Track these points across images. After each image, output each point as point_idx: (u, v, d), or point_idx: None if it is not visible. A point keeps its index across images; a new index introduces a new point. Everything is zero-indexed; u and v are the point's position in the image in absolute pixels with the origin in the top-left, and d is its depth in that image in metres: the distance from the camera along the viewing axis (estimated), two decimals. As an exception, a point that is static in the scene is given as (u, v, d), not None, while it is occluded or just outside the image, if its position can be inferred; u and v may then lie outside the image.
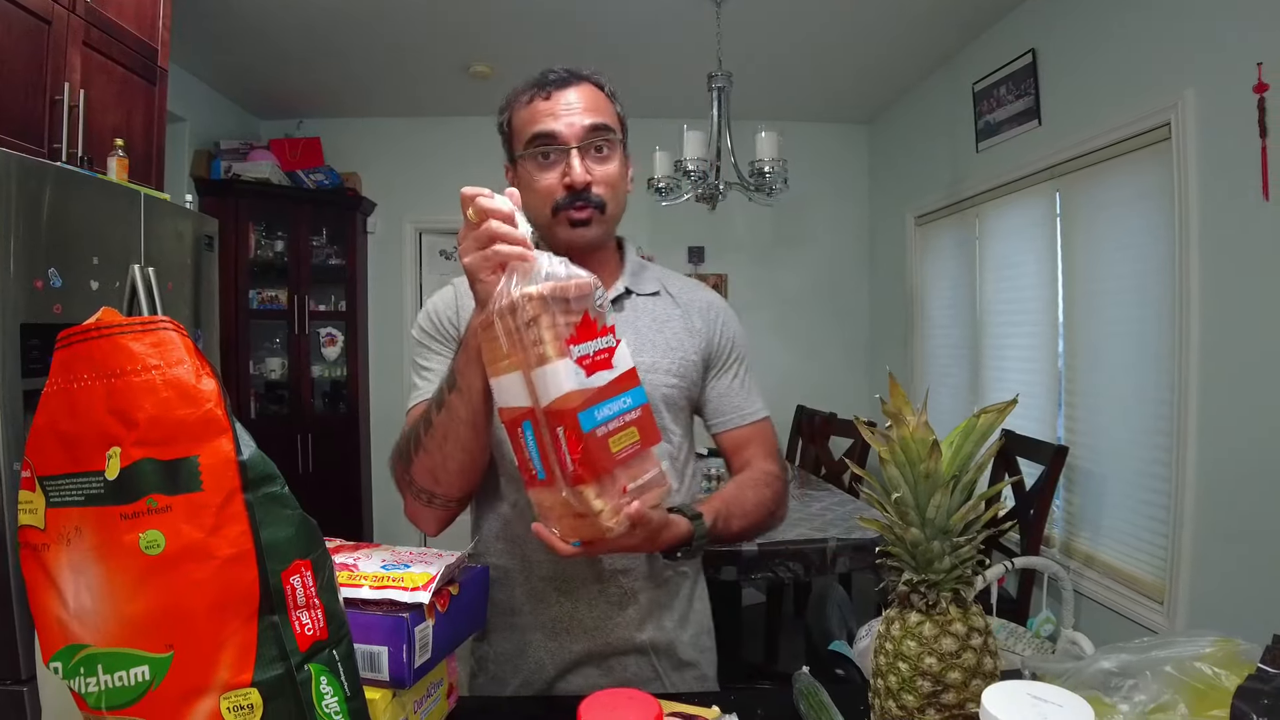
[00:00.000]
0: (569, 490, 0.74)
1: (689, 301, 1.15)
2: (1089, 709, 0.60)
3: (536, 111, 1.01)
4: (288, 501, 0.57)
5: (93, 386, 0.55)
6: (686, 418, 1.14)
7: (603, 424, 0.75)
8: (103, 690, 0.57)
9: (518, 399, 0.76)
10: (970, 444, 0.70)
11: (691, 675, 1.11)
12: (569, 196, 1.00)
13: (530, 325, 0.73)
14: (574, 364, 0.74)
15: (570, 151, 0.99)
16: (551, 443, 0.74)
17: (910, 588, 0.72)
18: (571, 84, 1.02)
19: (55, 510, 0.58)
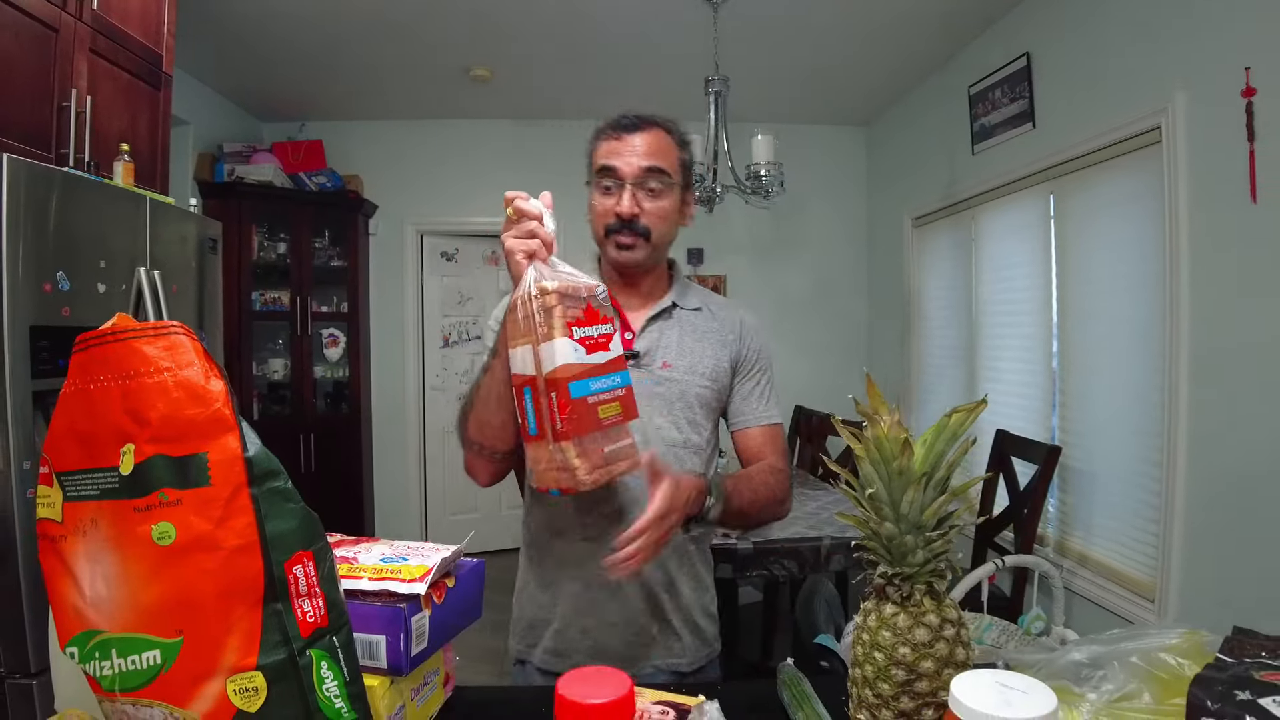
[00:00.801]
0: (554, 445, 0.90)
1: (725, 318, 1.32)
2: (1052, 695, 0.63)
3: (607, 148, 1.20)
4: (291, 495, 0.60)
5: (108, 387, 0.58)
6: (716, 417, 1.30)
7: (594, 394, 0.93)
8: (116, 674, 0.60)
9: (525, 368, 0.93)
10: (942, 442, 0.73)
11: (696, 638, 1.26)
12: (619, 223, 1.19)
13: (544, 311, 0.91)
14: (574, 343, 0.91)
15: (625, 186, 1.17)
16: (546, 406, 0.91)
17: (886, 580, 0.75)
18: (641, 129, 1.20)
19: (72, 504, 0.62)
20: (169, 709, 0.60)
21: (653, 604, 1.21)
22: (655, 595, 1.21)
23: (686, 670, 1.25)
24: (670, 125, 1.23)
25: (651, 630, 1.22)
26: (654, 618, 1.22)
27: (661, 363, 1.23)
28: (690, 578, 1.26)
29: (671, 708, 0.83)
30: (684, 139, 1.25)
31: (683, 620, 1.24)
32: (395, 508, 4.64)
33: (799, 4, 3.08)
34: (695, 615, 1.26)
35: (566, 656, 1.21)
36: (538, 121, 4.52)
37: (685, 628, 1.24)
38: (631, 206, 1.17)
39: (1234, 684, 0.64)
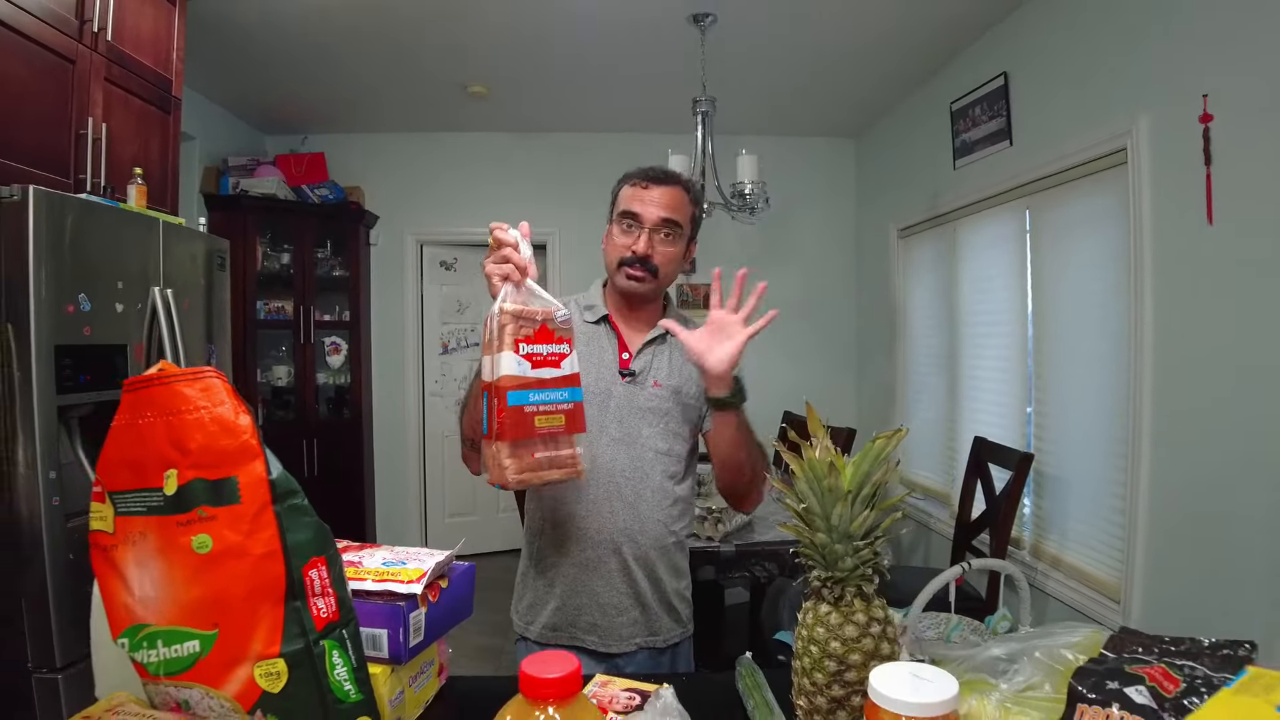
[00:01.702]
0: (495, 444, 1.04)
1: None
2: (955, 684, 0.74)
3: (633, 194, 1.40)
4: (307, 511, 0.72)
5: (155, 423, 0.70)
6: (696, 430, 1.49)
7: (533, 405, 1.06)
8: (161, 660, 0.72)
9: (487, 375, 1.06)
10: (868, 463, 0.85)
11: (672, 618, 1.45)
12: (633, 258, 1.38)
13: (499, 327, 1.05)
14: (518, 357, 1.05)
15: (644, 230, 1.37)
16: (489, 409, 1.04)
17: (820, 583, 0.87)
18: (666, 184, 1.40)
19: (122, 518, 0.73)
20: (206, 690, 0.71)
21: (636, 588, 1.40)
22: (638, 581, 1.40)
23: (662, 646, 1.43)
24: (690, 185, 1.44)
25: (634, 611, 1.40)
26: (636, 600, 1.40)
27: (653, 382, 1.42)
28: (669, 567, 1.44)
29: (638, 694, 0.94)
30: (698, 197, 1.46)
31: (660, 602, 1.43)
32: (395, 510, 4.76)
33: (784, 24, 3.19)
34: (672, 599, 1.45)
35: (562, 631, 1.40)
36: (534, 135, 4.63)
37: (662, 609, 1.43)
38: (647, 248, 1.37)
39: (1107, 675, 0.75)
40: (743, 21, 3.13)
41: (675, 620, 1.46)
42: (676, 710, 0.82)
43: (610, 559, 1.39)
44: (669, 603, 1.44)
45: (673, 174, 1.44)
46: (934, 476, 3.93)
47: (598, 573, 1.39)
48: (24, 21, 1.90)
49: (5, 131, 1.87)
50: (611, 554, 1.39)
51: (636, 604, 1.40)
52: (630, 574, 1.39)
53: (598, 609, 1.39)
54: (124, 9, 2.26)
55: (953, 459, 3.62)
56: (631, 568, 1.39)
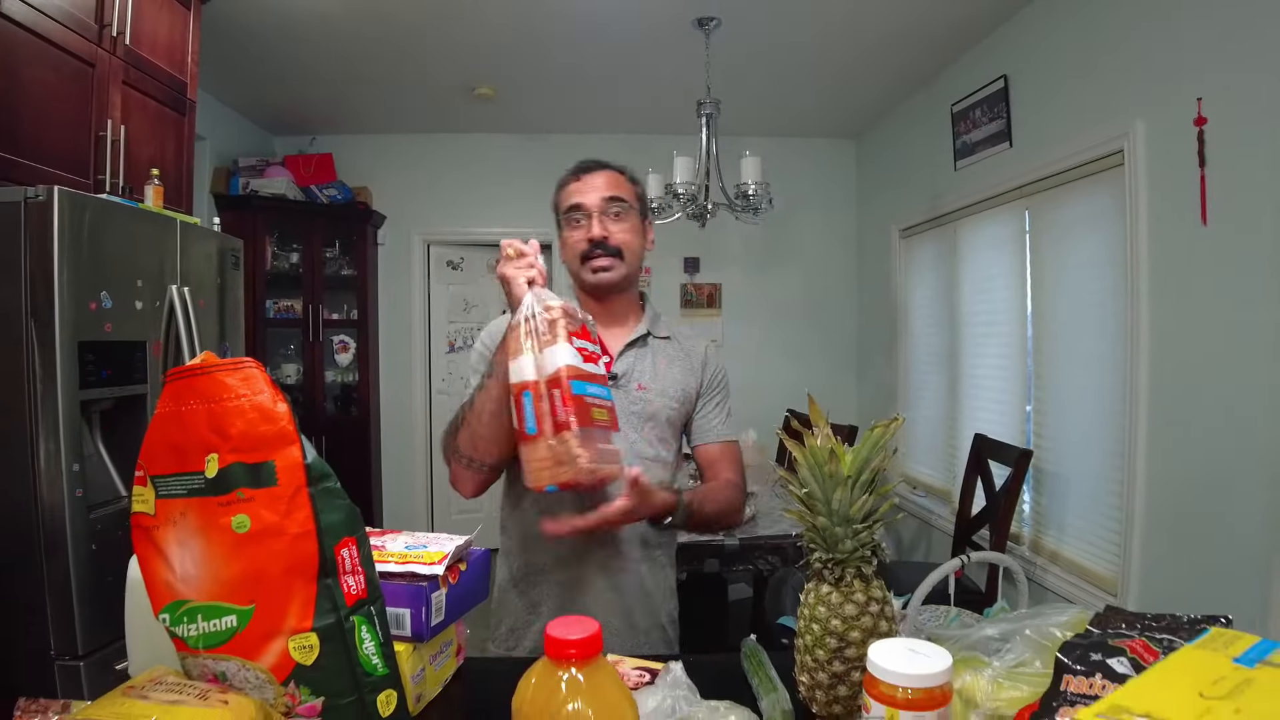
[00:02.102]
0: (555, 438, 1.01)
1: (691, 347, 1.48)
2: (949, 657, 0.78)
3: (571, 189, 1.38)
4: (339, 494, 0.76)
5: (197, 410, 0.74)
6: (680, 434, 1.46)
7: (589, 396, 1.04)
8: (200, 634, 0.76)
9: (525, 375, 1.05)
10: (866, 450, 0.89)
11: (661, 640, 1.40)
12: (591, 247, 1.35)
13: (549, 323, 1.05)
14: (573, 349, 1.05)
15: (593, 215, 1.34)
16: (548, 404, 1.02)
17: (822, 564, 0.91)
18: (597, 170, 1.38)
19: (164, 500, 0.78)
20: (242, 662, 0.76)
21: (627, 607, 1.34)
22: (631, 600, 1.35)
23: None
24: (622, 168, 1.42)
25: (625, 633, 1.34)
26: (627, 620, 1.34)
27: (637, 385, 1.37)
28: (658, 585, 1.40)
29: (648, 671, 0.99)
30: (634, 178, 1.43)
31: (652, 623, 1.38)
32: (403, 506, 4.81)
33: (787, 27, 3.24)
34: (662, 620, 1.41)
35: None
36: (540, 136, 4.68)
37: (654, 631, 1.38)
38: (601, 230, 1.34)
39: (1091, 648, 0.79)
40: (746, 25, 3.17)
41: (664, 642, 1.40)
42: (685, 684, 0.86)
43: (597, 577, 1.33)
44: (660, 624, 1.39)
45: (602, 160, 1.41)
46: (935, 473, 3.97)
47: (585, 591, 1.32)
48: (48, 27, 1.95)
49: (31, 134, 1.93)
50: (598, 571, 1.32)
51: (627, 624, 1.34)
52: (620, 590, 1.34)
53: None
54: (141, 14, 2.31)
55: (953, 456, 3.66)
56: (619, 584, 1.34)
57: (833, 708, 0.89)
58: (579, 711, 0.57)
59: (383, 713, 0.79)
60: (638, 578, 1.36)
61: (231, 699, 0.71)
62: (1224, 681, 0.46)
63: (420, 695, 0.93)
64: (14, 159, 1.87)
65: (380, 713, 0.78)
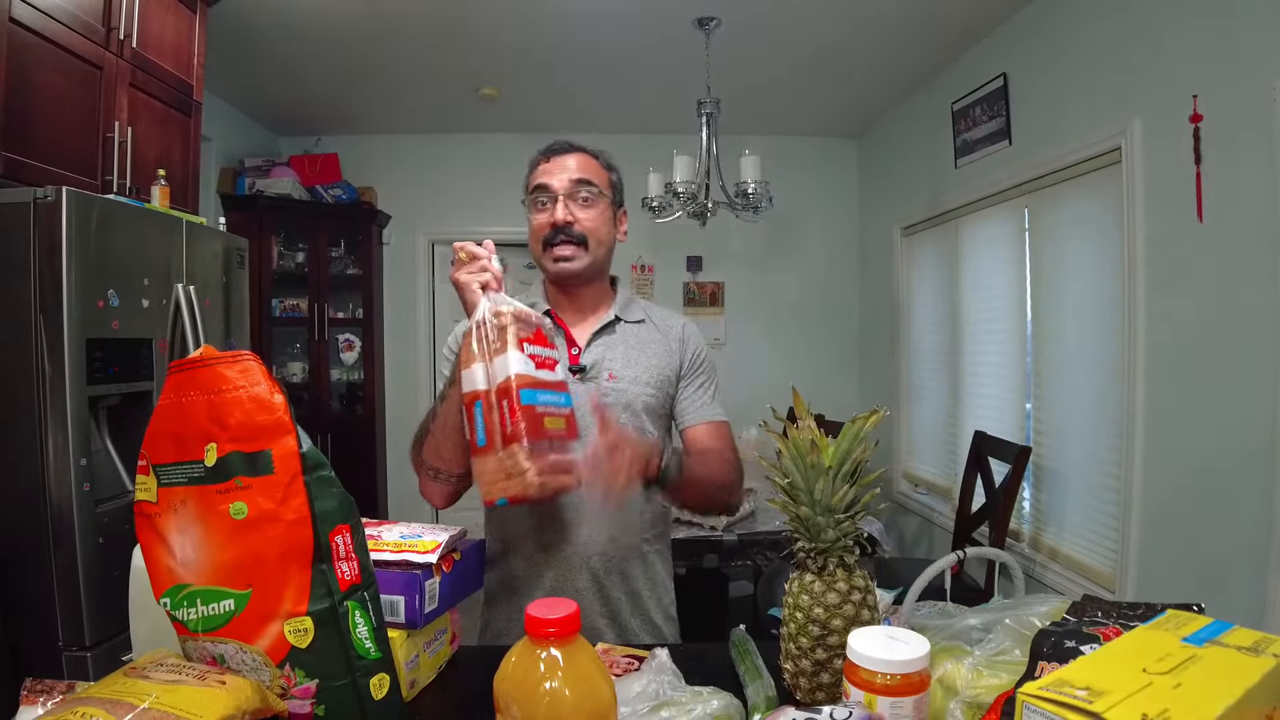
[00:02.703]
0: (504, 451, 0.96)
1: (668, 328, 1.41)
2: (926, 644, 0.80)
3: (538, 170, 1.31)
4: (333, 482, 0.79)
5: (197, 400, 0.77)
6: (665, 423, 1.38)
7: (541, 405, 1.00)
8: (200, 618, 0.79)
9: (477, 384, 1.00)
10: (847, 442, 0.91)
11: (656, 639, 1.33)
12: (553, 232, 1.27)
13: (498, 329, 1.01)
14: (524, 356, 1.00)
15: (559, 198, 1.27)
16: (497, 414, 0.98)
17: (805, 554, 0.93)
18: (568, 152, 1.31)
19: (165, 488, 0.80)
20: (240, 645, 0.79)
21: (611, 607, 1.28)
22: (614, 601, 1.29)
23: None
24: (597, 152, 1.34)
25: (610, 634, 1.28)
26: (613, 621, 1.29)
27: (608, 374, 1.30)
28: (649, 582, 1.34)
29: (636, 659, 1.01)
30: (609, 164, 1.35)
31: (642, 623, 1.31)
32: (406, 503, 4.84)
33: (787, 26, 3.25)
34: (655, 617, 1.34)
35: None
36: (543, 136, 4.62)
37: (645, 630, 1.31)
38: (565, 214, 1.26)
39: (1065, 635, 0.81)
40: (746, 24, 3.19)
41: (658, 638, 1.32)
42: (670, 669, 0.88)
43: (580, 577, 1.27)
44: (651, 620, 1.33)
45: (574, 142, 1.33)
46: (936, 471, 3.98)
47: (571, 594, 1.26)
48: (57, 31, 1.99)
49: (40, 136, 1.97)
50: (581, 571, 1.27)
51: (613, 625, 1.29)
52: (604, 591, 1.28)
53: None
54: (148, 17, 2.34)
55: (954, 453, 3.67)
56: (605, 585, 1.28)
57: (816, 695, 0.91)
58: (556, 689, 0.59)
59: (375, 696, 0.81)
60: (624, 579, 1.30)
61: (229, 680, 0.74)
62: (1169, 658, 0.48)
63: (414, 681, 0.96)
64: (24, 160, 1.91)
65: (373, 695, 0.81)
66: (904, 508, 4.29)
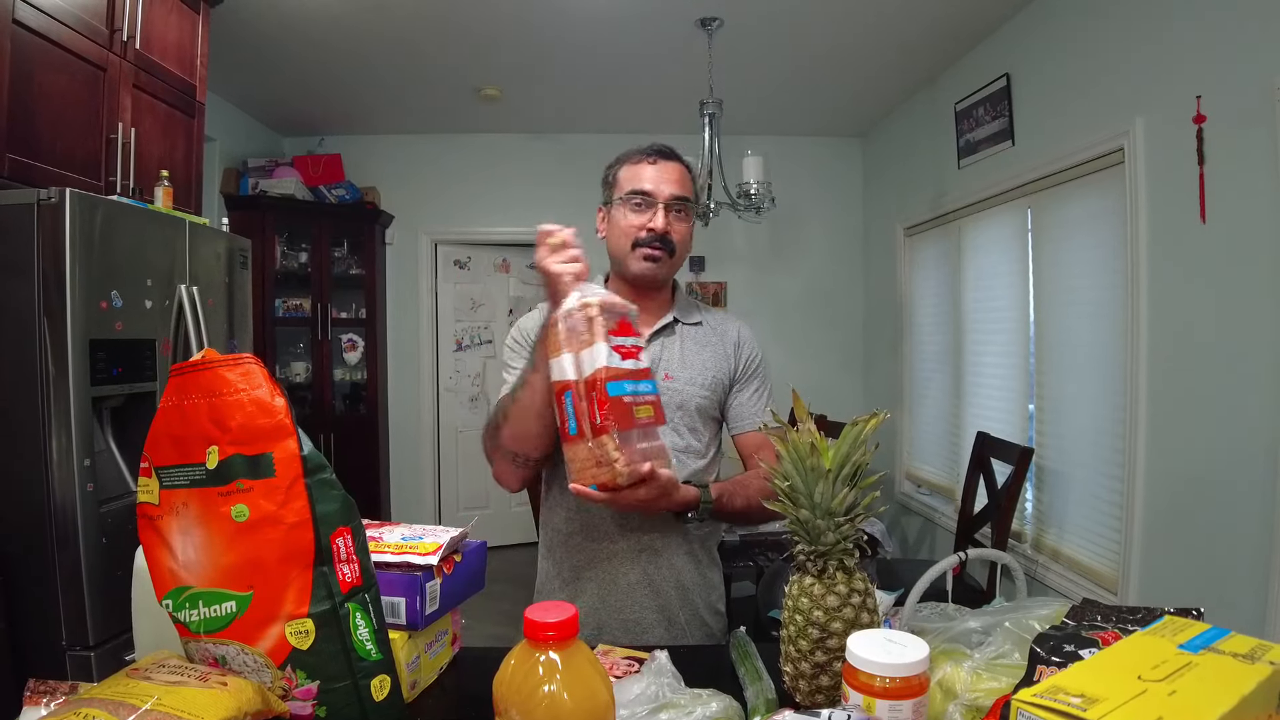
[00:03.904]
0: (594, 441, 1.02)
1: (724, 331, 1.45)
2: (925, 648, 0.80)
3: (638, 173, 1.34)
4: (334, 484, 0.79)
5: (199, 403, 0.77)
6: (716, 426, 1.43)
7: (629, 395, 1.04)
8: (201, 619, 0.80)
9: (566, 374, 1.04)
10: (847, 445, 0.91)
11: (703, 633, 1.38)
12: (650, 236, 1.31)
13: (587, 321, 1.04)
14: (610, 349, 1.03)
15: (658, 206, 1.31)
16: (586, 406, 1.02)
17: (805, 556, 0.93)
18: (672, 159, 1.35)
19: (167, 491, 0.81)
20: (241, 646, 0.79)
21: (662, 601, 1.32)
22: (667, 596, 1.33)
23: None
24: (689, 163, 1.40)
25: (659, 629, 1.32)
26: (663, 615, 1.33)
27: (664, 374, 1.34)
28: (700, 579, 1.38)
29: (636, 661, 1.01)
30: (695, 176, 1.42)
31: (690, 617, 1.35)
32: (410, 504, 4.85)
33: (790, 27, 3.25)
34: (703, 613, 1.38)
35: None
36: (545, 136, 4.70)
37: (693, 624, 1.35)
38: (666, 224, 1.31)
39: (1065, 639, 0.81)
40: (749, 25, 3.19)
41: (706, 635, 1.37)
42: (670, 671, 0.89)
43: (632, 572, 1.31)
44: (700, 617, 1.37)
45: (675, 151, 1.38)
46: (939, 472, 3.98)
47: (620, 588, 1.31)
48: (60, 33, 1.99)
49: (44, 137, 1.97)
50: (633, 567, 1.31)
51: (663, 619, 1.32)
52: (655, 587, 1.32)
53: (621, 627, 1.31)
54: (151, 18, 2.35)
55: (957, 454, 3.67)
56: (656, 581, 1.32)
57: (815, 697, 0.91)
58: (554, 693, 0.59)
59: (376, 697, 0.82)
60: (674, 573, 1.34)
61: (230, 681, 0.74)
62: (1165, 665, 0.48)
63: (415, 682, 0.96)
64: (28, 161, 1.91)
65: (374, 697, 0.81)
66: (906, 508, 4.28)
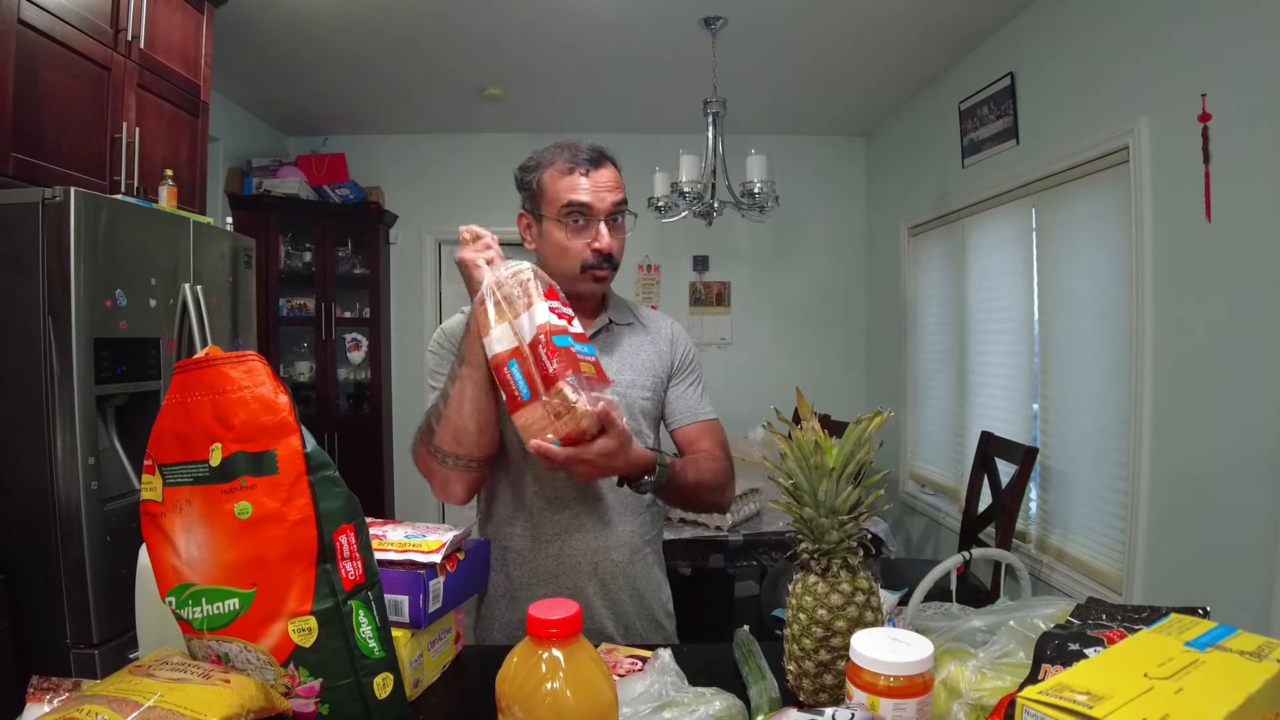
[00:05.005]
0: (549, 393, 0.99)
1: (656, 329, 1.41)
2: (930, 646, 0.80)
3: (574, 184, 1.22)
4: (338, 482, 0.79)
5: (202, 401, 0.77)
6: (657, 424, 1.39)
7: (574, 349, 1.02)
8: (204, 616, 0.80)
9: (506, 344, 1.03)
10: (851, 443, 0.91)
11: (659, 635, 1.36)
12: (597, 258, 1.23)
13: (521, 285, 1.04)
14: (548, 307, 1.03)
15: (599, 221, 1.22)
16: (535, 362, 1.00)
17: (809, 555, 0.93)
18: (603, 164, 1.25)
19: (170, 488, 0.81)
20: (244, 644, 0.79)
21: (617, 610, 1.31)
22: (620, 602, 1.31)
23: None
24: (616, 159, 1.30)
25: (619, 635, 1.30)
26: (619, 622, 1.31)
27: None
28: (650, 582, 1.35)
29: (640, 660, 1.01)
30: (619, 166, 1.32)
31: (647, 620, 1.34)
32: (414, 503, 4.85)
33: (793, 26, 3.24)
34: (657, 614, 1.36)
35: None
36: (549, 135, 4.63)
37: (650, 628, 1.34)
38: (610, 242, 1.23)
39: (1070, 639, 0.81)
40: (753, 24, 3.18)
41: (662, 637, 1.36)
42: (673, 670, 0.88)
43: (588, 583, 1.28)
44: (655, 619, 1.36)
45: (604, 150, 1.28)
46: (943, 471, 3.97)
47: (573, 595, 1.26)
48: (66, 33, 2.00)
49: (48, 137, 1.98)
50: (589, 578, 1.28)
51: (621, 626, 1.31)
52: (610, 595, 1.30)
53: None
54: (156, 18, 2.35)
55: (961, 454, 3.66)
56: (611, 589, 1.30)
57: (819, 696, 0.91)
58: (557, 690, 0.59)
59: (379, 695, 0.82)
60: (629, 580, 1.32)
61: (233, 679, 0.74)
62: (1171, 663, 0.48)
63: (418, 680, 0.96)
64: (33, 161, 1.92)
65: (377, 695, 0.81)
66: (910, 508, 4.28)
